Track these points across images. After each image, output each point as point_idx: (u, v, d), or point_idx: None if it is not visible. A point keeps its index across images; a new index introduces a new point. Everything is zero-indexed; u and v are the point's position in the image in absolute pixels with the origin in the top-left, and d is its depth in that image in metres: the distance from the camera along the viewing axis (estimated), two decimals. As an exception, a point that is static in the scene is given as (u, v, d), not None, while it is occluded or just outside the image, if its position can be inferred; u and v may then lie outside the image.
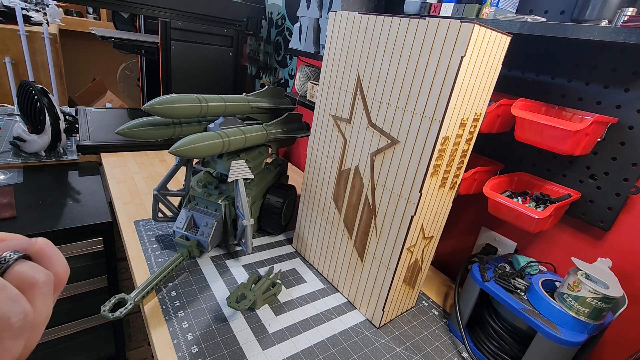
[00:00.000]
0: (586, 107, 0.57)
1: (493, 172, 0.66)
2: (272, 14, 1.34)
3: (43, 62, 2.05)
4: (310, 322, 0.59)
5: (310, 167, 0.70)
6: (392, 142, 0.53)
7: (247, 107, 0.74)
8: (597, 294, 0.46)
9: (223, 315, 0.57)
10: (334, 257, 0.68)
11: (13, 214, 0.77)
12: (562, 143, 0.50)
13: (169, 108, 0.59)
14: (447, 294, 0.74)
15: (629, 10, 0.46)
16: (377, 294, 0.59)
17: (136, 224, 0.76)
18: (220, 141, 0.63)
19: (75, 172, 1.00)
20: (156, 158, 1.11)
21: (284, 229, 0.85)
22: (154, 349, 0.50)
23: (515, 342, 0.55)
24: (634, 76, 0.52)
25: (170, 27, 1.11)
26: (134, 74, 2.03)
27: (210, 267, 0.68)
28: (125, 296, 0.54)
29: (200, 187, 0.70)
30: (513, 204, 0.54)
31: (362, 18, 0.54)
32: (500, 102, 0.55)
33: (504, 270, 0.59)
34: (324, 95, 0.64)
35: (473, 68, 0.45)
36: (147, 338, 0.46)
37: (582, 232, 0.60)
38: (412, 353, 0.57)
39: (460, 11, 0.58)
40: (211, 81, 1.28)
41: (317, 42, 0.91)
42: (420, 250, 0.58)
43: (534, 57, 0.62)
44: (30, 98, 0.93)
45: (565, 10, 0.57)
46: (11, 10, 1.89)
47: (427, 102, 0.47)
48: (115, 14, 1.81)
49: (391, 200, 0.54)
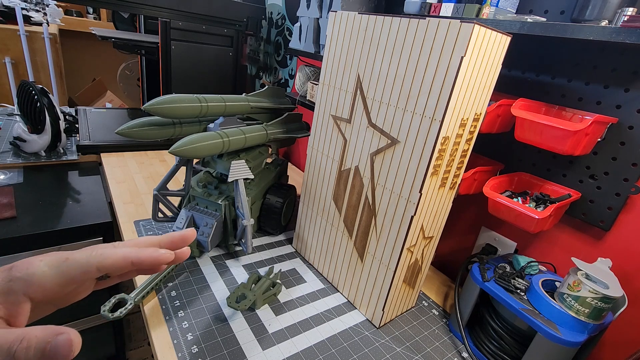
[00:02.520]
0: (586, 107, 0.57)
1: (493, 172, 0.66)
2: (272, 14, 1.34)
3: (43, 62, 2.05)
4: (310, 322, 0.59)
5: (310, 167, 0.70)
6: (392, 142, 0.53)
7: (247, 107, 0.74)
8: (597, 294, 0.46)
9: (223, 315, 0.57)
10: (334, 257, 0.68)
11: (13, 214, 0.77)
12: (562, 143, 0.50)
13: (169, 108, 0.59)
14: (447, 294, 0.74)
15: (629, 10, 0.46)
16: (377, 294, 0.59)
17: (136, 224, 0.76)
18: (220, 141, 0.63)
19: (75, 172, 1.00)
20: (156, 158, 1.11)
21: (284, 229, 0.85)
22: (154, 349, 0.50)
23: (515, 342, 0.55)
24: (634, 76, 0.52)
25: (170, 27, 1.11)
26: (134, 74, 2.03)
27: (210, 267, 0.68)
28: (125, 296, 0.54)
29: (200, 187, 0.70)
30: (513, 204, 0.54)
31: (362, 18, 0.54)
32: (500, 102, 0.55)
33: (504, 270, 0.59)
34: (324, 95, 0.64)
35: (473, 68, 0.45)
36: (147, 338, 0.46)
37: (582, 232, 0.60)
38: (412, 353, 0.57)
39: (460, 11, 0.58)
40: (211, 81, 1.28)
41: (317, 42, 0.91)
42: (420, 250, 0.58)
43: (534, 57, 0.62)
44: (30, 98, 0.93)
45: (565, 10, 0.57)
46: (11, 10, 1.89)
47: (427, 102, 0.47)
48: (115, 14, 1.81)
49: (391, 200, 0.54)
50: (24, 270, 0.26)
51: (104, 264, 0.29)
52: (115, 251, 0.30)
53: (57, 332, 0.23)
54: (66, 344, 0.23)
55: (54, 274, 0.27)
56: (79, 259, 0.29)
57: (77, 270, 0.28)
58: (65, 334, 0.23)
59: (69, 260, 0.28)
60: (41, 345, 0.22)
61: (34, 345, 0.22)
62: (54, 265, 0.27)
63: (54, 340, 0.23)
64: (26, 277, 0.26)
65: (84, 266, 0.28)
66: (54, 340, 0.23)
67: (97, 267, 0.29)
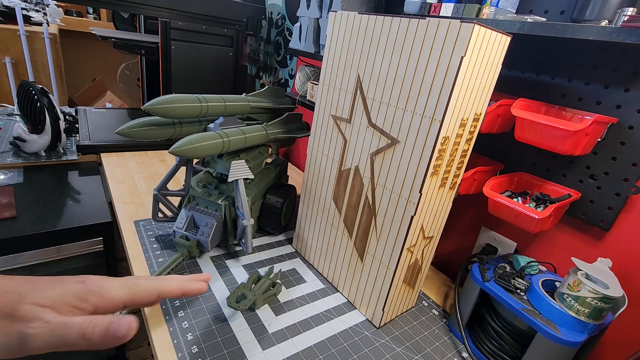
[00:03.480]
0: (586, 107, 0.57)
1: (493, 172, 0.66)
2: (272, 14, 1.34)
3: (43, 62, 2.05)
4: (310, 322, 0.59)
5: (310, 167, 0.70)
6: (392, 142, 0.53)
7: (247, 107, 0.75)
8: (597, 294, 0.46)
9: (223, 315, 0.57)
10: (334, 257, 0.68)
11: (13, 214, 0.77)
12: (562, 143, 0.50)
13: (169, 108, 0.59)
14: (447, 294, 0.74)
15: (629, 10, 0.46)
16: (377, 294, 0.59)
17: (136, 224, 0.76)
18: (220, 141, 0.63)
19: (75, 172, 1.00)
20: (156, 158, 1.11)
21: (284, 229, 0.85)
22: (154, 349, 0.50)
23: (515, 342, 0.55)
24: (634, 76, 0.52)
25: (170, 27, 1.11)
26: (134, 74, 2.03)
27: (210, 267, 0.68)
28: (125, 296, 0.54)
29: (200, 187, 0.70)
30: (513, 204, 0.54)
31: (362, 18, 0.54)
32: (500, 102, 0.55)
33: (504, 270, 0.59)
34: (324, 95, 0.64)
35: (473, 68, 0.45)
36: (147, 338, 0.46)
37: (582, 232, 0.60)
38: (412, 353, 0.57)
39: (460, 11, 0.58)
40: (211, 81, 1.28)
41: (317, 42, 0.91)
42: (420, 250, 0.58)
43: (534, 57, 0.62)
44: (30, 98, 0.93)
45: (565, 10, 0.57)
46: (11, 10, 1.89)
47: (427, 102, 0.47)
48: (115, 14, 1.81)
49: (391, 200, 0.54)
50: (100, 286, 0.30)
51: (164, 291, 0.34)
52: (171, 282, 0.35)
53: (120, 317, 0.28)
54: (125, 325, 0.28)
55: (124, 294, 0.31)
56: (145, 284, 0.33)
57: (144, 294, 0.33)
58: (126, 317, 0.28)
59: (137, 285, 0.33)
60: (105, 325, 0.27)
61: (100, 325, 0.27)
62: (125, 287, 0.32)
63: (117, 322, 0.28)
64: (101, 291, 0.30)
65: (149, 291, 0.33)
66: (117, 322, 0.28)
67: (159, 293, 0.34)
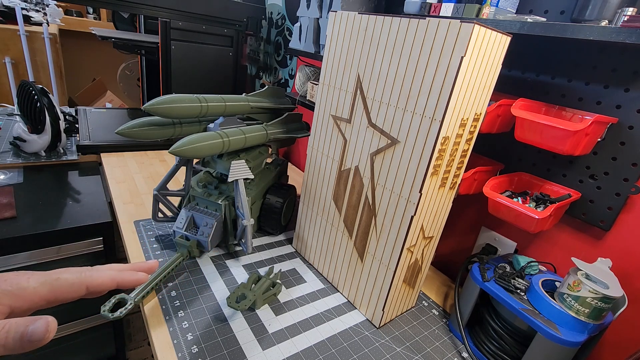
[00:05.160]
0: (586, 107, 0.57)
1: (493, 172, 0.66)
2: (272, 14, 1.34)
3: (43, 62, 2.05)
4: (310, 322, 0.59)
5: (310, 167, 0.70)
6: (392, 142, 0.53)
7: (247, 107, 0.74)
8: (597, 294, 0.46)
9: (223, 315, 0.57)
10: (334, 257, 0.68)
11: (13, 214, 0.77)
12: (562, 143, 0.50)
13: (169, 108, 0.59)
14: (447, 294, 0.74)
15: (629, 10, 0.46)
16: (377, 294, 0.59)
17: (136, 224, 0.76)
18: (220, 141, 0.63)
19: (75, 172, 1.00)
20: (156, 158, 1.11)
21: (284, 229, 0.85)
22: (154, 349, 0.50)
23: (515, 342, 0.55)
24: (634, 76, 0.52)
25: (170, 27, 1.11)
26: (134, 74, 2.03)
27: (210, 267, 0.68)
28: (125, 296, 0.54)
29: (200, 187, 0.70)
30: (513, 204, 0.54)
31: (362, 18, 0.54)
32: (500, 102, 0.55)
33: (504, 270, 0.59)
34: (324, 95, 0.64)
35: (473, 68, 0.45)
36: (147, 338, 0.46)
37: (582, 232, 0.60)
38: (412, 353, 0.57)
39: (460, 11, 0.58)
40: (211, 81, 1.28)
41: (317, 42, 0.91)
42: (420, 250, 0.58)
43: (534, 57, 0.62)
44: (30, 98, 0.93)
45: (565, 10, 0.57)
46: (11, 10, 1.89)
47: (427, 102, 0.47)
48: (115, 14, 1.80)
49: (391, 200, 0.54)
50: (15, 285, 0.28)
51: (93, 284, 0.33)
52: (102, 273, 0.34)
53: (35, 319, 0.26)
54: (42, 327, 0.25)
55: (45, 291, 0.30)
56: (70, 279, 0.32)
57: (67, 289, 0.31)
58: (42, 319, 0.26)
59: (60, 280, 0.31)
60: (20, 329, 0.25)
61: (13, 330, 0.25)
62: (46, 283, 0.30)
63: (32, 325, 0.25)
64: (17, 291, 0.28)
65: (74, 285, 0.32)
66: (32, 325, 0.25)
67: (87, 287, 0.33)
